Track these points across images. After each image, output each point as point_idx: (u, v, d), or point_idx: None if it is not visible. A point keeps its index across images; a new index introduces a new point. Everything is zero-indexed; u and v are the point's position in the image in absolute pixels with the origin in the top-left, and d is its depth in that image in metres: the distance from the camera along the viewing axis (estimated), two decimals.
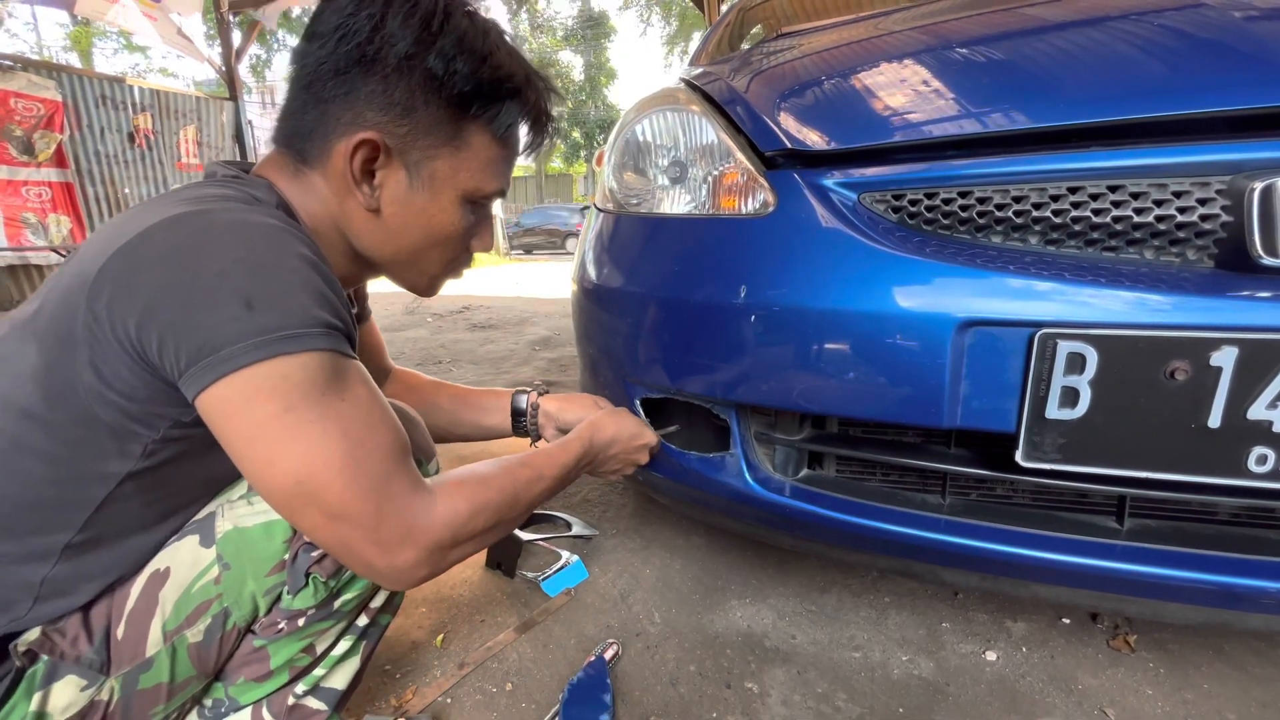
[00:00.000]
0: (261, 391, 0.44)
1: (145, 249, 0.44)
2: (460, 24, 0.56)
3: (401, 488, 0.50)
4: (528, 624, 1.03)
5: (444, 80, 0.55)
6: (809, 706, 0.86)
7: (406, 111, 0.55)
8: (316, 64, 0.54)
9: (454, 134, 0.58)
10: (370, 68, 0.54)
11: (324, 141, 0.56)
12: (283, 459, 0.46)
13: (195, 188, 0.53)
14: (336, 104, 0.55)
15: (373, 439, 0.49)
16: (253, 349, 0.43)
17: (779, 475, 0.87)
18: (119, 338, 0.44)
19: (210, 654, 0.58)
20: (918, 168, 0.73)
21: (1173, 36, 0.71)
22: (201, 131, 6.34)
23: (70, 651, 0.52)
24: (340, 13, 0.53)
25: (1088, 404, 0.62)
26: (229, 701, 0.61)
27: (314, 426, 0.46)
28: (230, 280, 0.44)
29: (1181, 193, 0.63)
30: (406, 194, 0.59)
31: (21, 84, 4.67)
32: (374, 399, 0.51)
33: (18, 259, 4.90)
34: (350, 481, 0.47)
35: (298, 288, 0.46)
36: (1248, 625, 0.73)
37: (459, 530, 0.53)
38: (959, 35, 0.89)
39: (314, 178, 0.58)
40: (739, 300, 0.77)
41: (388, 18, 0.53)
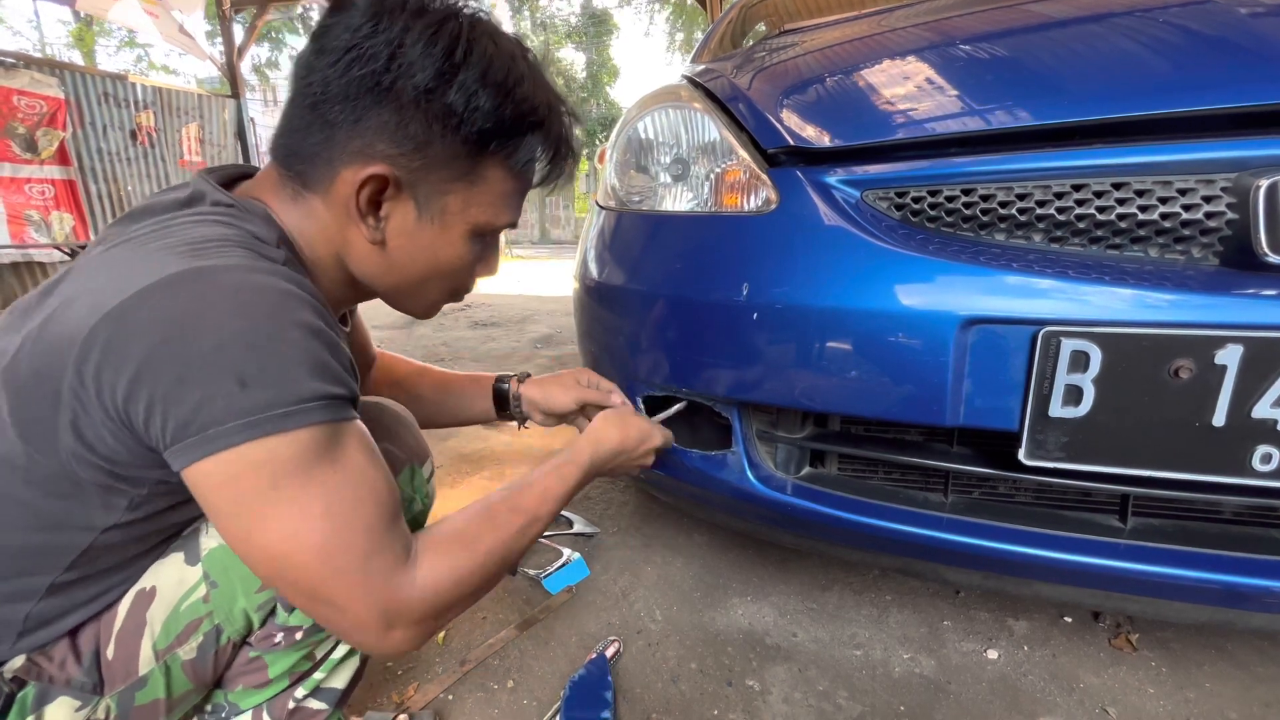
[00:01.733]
0: (248, 469, 0.43)
1: (140, 314, 0.41)
2: (485, 52, 0.52)
3: (382, 566, 0.47)
4: (529, 621, 1.03)
5: (464, 117, 0.52)
6: (810, 704, 0.86)
7: (421, 146, 0.52)
8: (324, 83, 0.50)
9: (469, 169, 0.55)
10: (384, 97, 0.50)
11: (328, 167, 0.52)
12: (260, 537, 0.44)
13: (191, 223, 0.48)
14: (344, 130, 0.51)
15: (357, 515, 0.47)
16: (243, 429, 0.41)
17: (781, 473, 0.87)
18: (105, 403, 0.42)
19: (206, 669, 0.57)
20: (921, 165, 0.73)
21: (1177, 33, 0.71)
22: (204, 129, 6.34)
23: (59, 675, 0.51)
24: (353, 32, 0.49)
25: (1091, 402, 0.61)
26: (229, 706, 0.61)
27: (295, 506, 0.44)
28: (225, 355, 0.41)
29: (1186, 190, 0.62)
30: (414, 227, 0.55)
31: (24, 81, 4.67)
32: (366, 466, 0.48)
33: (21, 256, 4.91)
34: (326, 564, 0.45)
35: (296, 362, 0.43)
36: (1250, 624, 0.73)
37: (442, 601, 0.51)
38: (962, 32, 0.88)
39: (314, 202, 0.54)
40: (741, 298, 0.77)
41: (406, 44, 0.49)
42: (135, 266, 0.43)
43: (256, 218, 0.51)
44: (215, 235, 0.46)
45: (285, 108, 0.53)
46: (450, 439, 1.90)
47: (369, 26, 0.49)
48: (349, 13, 0.50)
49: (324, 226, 0.55)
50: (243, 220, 0.50)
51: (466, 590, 0.53)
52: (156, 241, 0.45)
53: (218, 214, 0.49)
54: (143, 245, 0.45)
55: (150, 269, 0.42)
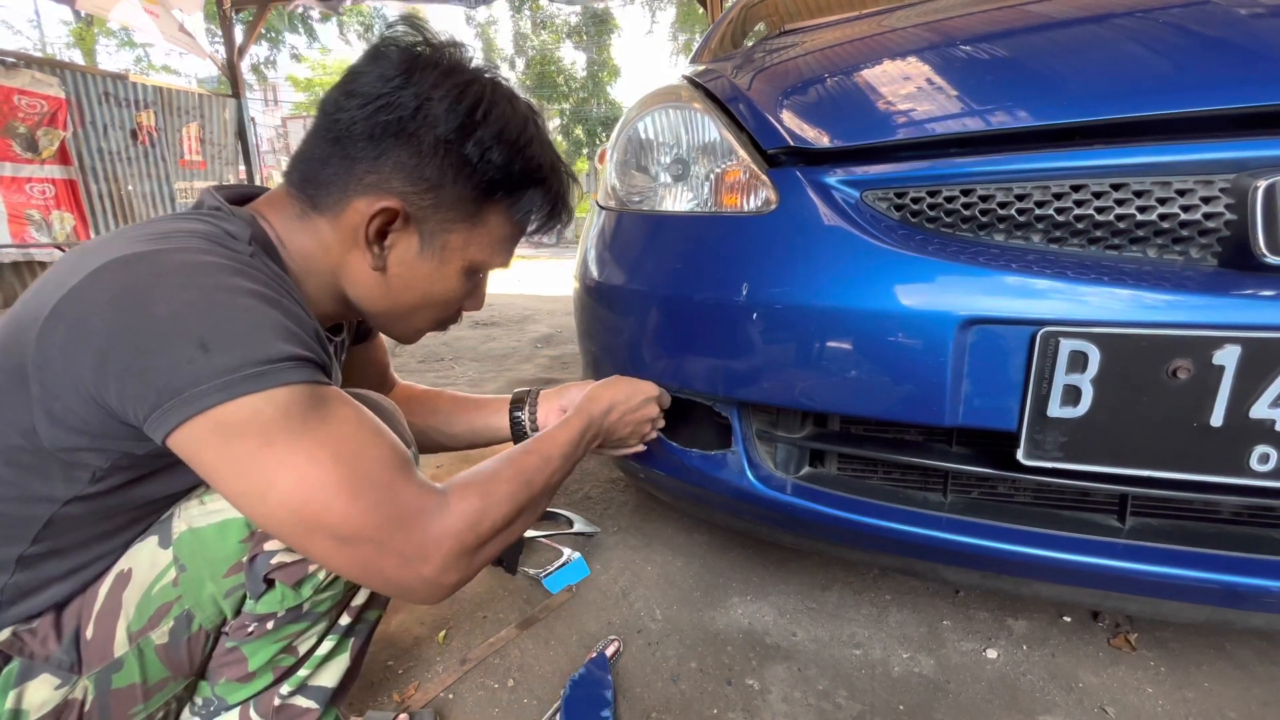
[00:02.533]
0: (233, 430, 0.43)
1: (94, 291, 0.43)
2: (503, 113, 0.57)
3: (410, 495, 0.49)
4: (530, 620, 1.03)
5: (476, 166, 0.57)
6: (809, 704, 0.86)
7: (434, 187, 0.56)
8: (350, 122, 0.54)
9: (474, 212, 0.60)
10: (407, 141, 0.54)
11: (342, 195, 0.56)
12: (273, 491, 0.44)
13: (169, 220, 0.52)
14: (363, 164, 0.55)
15: (367, 453, 0.48)
16: (215, 390, 0.42)
17: (780, 473, 0.87)
18: (73, 380, 0.43)
19: (180, 655, 0.57)
20: (920, 165, 0.73)
21: (1176, 34, 0.71)
22: (204, 129, 6.34)
23: (40, 651, 0.52)
24: (385, 82, 0.54)
25: (1090, 402, 0.61)
26: (217, 701, 0.61)
27: (299, 455, 0.44)
28: (182, 322, 0.42)
29: (1185, 191, 0.62)
30: (414, 259, 0.59)
31: (25, 81, 4.68)
32: (361, 416, 0.50)
33: (22, 256, 4.92)
34: (352, 499, 0.45)
35: (255, 324, 0.45)
36: (1249, 624, 0.73)
37: (480, 526, 0.52)
38: (962, 33, 0.89)
39: (320, 223, 0.57)
40: (741, 298, 0.77)
41: (434, 99, 0.54)
42: (99, 251, 0.46)
43: (237, 220, 0.54)
44: (184, 229, 0.50)
45: (306, 137, 0.58)
46: None
47: (400, 79, 0.54)
48: (382, 63, 0.55)
49: (326, 247, 0.58)
50: (220, 220, 0.53)
51: (499, 516, 0.54)
52: (131, 233, 0.48)
53: (199, 214, 0.53)
54: (118, 236, 0.49)
55: (110, 252, 0.45)
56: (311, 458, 0.45)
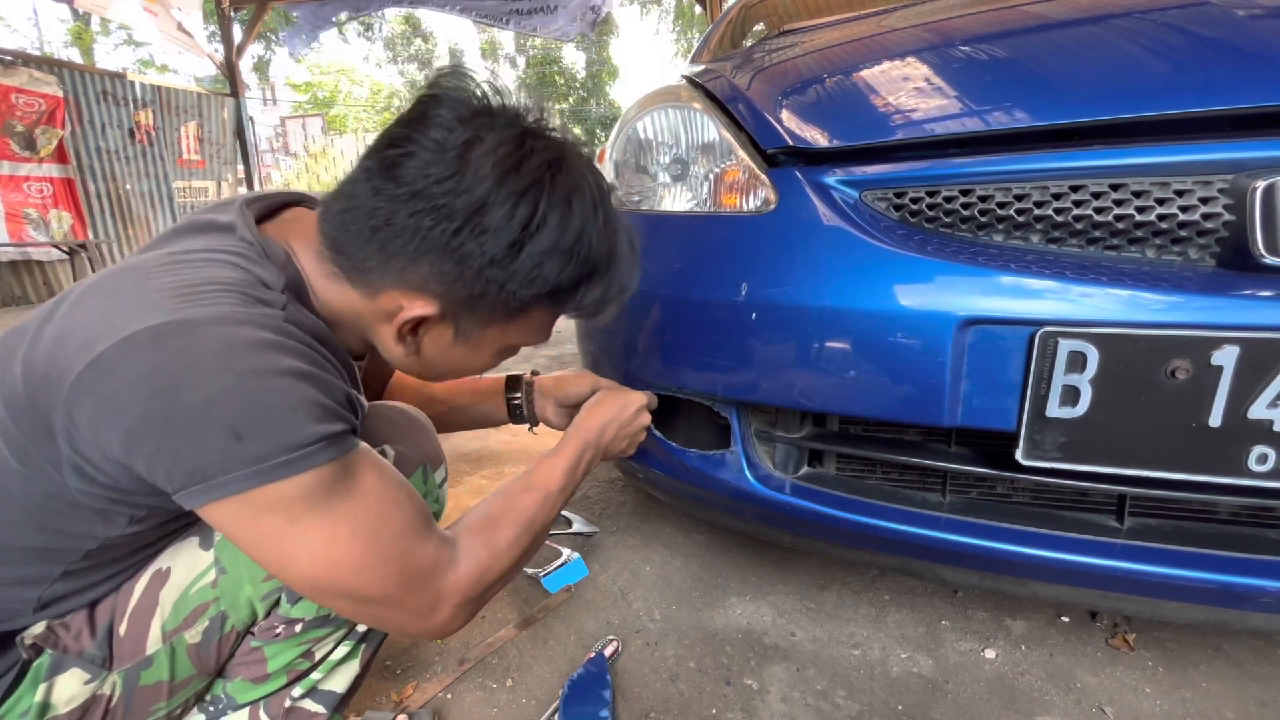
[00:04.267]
0: (261, 511, 0.44)
1: (124, 367, 0.41)
2: (561, 217, 0.51)
3: (424, 557, 0.51)
4: (528, 620, 1.03)
5: (524, 282, 0.52)
6: (808, 703, 0.86)
7: (475, 296, 0.52)
8: (390, 214, 0.49)
9: (516, 313, 0.56)
10: (450, 253, 0.50)
11: (376, 279, 0.52)
12: (294, 563, 0.47)
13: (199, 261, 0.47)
14: (400, 261, 0.50)
15: (386, 525, 0.49)
16: (246, 478, 0.42)
17: (779, 473, 0.87)
18: (102, 449, 0.43)
19: (209, 655, 0.58)
20: (919, 166, 0.73)
21: (1175, 35, 0.71)
22: (203, 127, 6.34)
23: (74, 646, 0.53)
24: (434, 183, 0.48)
25: (1088, 403, 0.62)
26: (227, 699, 0.62)
27: (321, 533, 0.46)
28: (216, 411, 0.41)
29: (1183, 191, 0.62)
30: (448, 346, 0.57)
31: (23, 79, 4.67)
32: (383, 484, 0.50)
33: (20, 255, 4.91)
34: (369, 571, 0.48)
35: (290, 409, 0.43)
36: (1247, 624, 0.73)
37: (487, 577, 0.55)
38: (961, 33, 0.89)
39: (350, 292, 0.54)
40: (740, 298, 0.77)
41: (486, 210, 0.48)
42: (128, 307, 0.43)
43: (271, 261, 0.51)
44: (216, 279, 0.46)
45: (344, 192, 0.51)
46: (449, 439, 1.89)
47: (451, 182, 0.48)
48: (428, 148, 0.48)
49: (355, 313, 0.55)
50: (254, 263, 0.49)
51: (504, 565, 0.57)
52: (160, 278, 0.45)
53: (232, 253, 0.49)
54: (146, 279, 0.45)
55: (139, 314, 0.42)
56: (332, 536, 0.46)
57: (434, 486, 0.70)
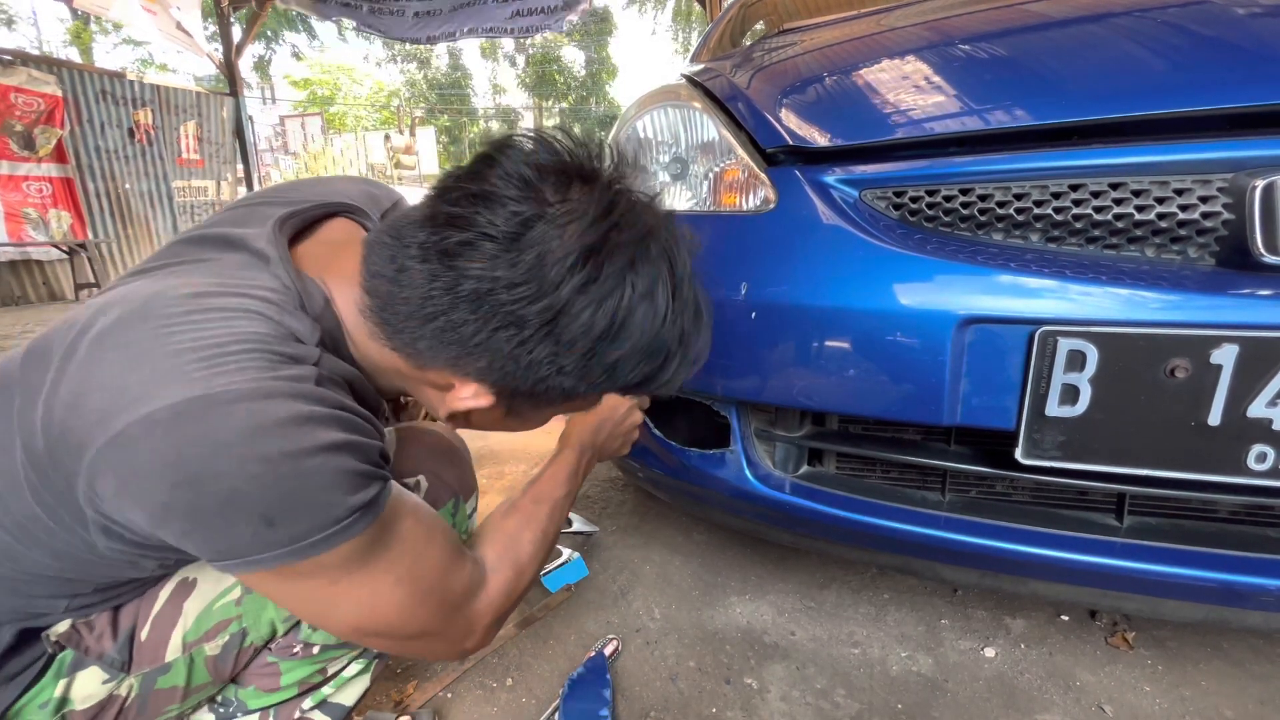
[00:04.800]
0: (299, 578, 0.43)
1: (147, 451, 0.38)
2: (640, 320, 0.45)
3: (459, 587, 0.53)
4: (528, 620, 1.03)
5: (594, 385, 0.48)
6: (808, 702, 0.86)
7: (536, 395, 0.48)
8: (450, 307, 0.43)
9: (576, 400, 0.51)
10: (517, 350, 0.44)
11: (430, 360, 0.47)
12: (337, 620, 0.48)
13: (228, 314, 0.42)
14: (456, 349, 0.45)
15: (425, 567, 0.49)
16: (280, 557, 0.41)
17: (779, 472, 0.87)
18: (128, 524, 0.42)
19: (226, 666, 0.58)
20: (919, 165, 0.73)
21: (1175, 33, 0.71)
22: (202, 127, 6.33)
23: (95, 647, 0.53)
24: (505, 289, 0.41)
25: (1088, 402, 0.62)
26: (238, 703, 0.62)
27: (364, 588, 0.46)
28: (244, 500, 0.39)
29: (1183, 190, 0.62)
30: (499, 419, 0.54)
31: (22, 79, 4.66)
32: (417, 526, 0.49)
33: (19, 254, 4.90)
34: (409, 615, 0.49)
35: (324, 488, 0.40)
36: (1246, 623, 0.73)
37: (514, 593, 0.58)
38: (960, 32, 0.89)
39: (394, 357, 0.48)
40: (740, 297, 0.77)
41: (561, 321, 0.42)
42: (147, 372, 0.39)
43: (305, 313, 0.46)
44: (244, 334, 0.41)
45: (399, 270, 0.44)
46: None
47: (523, 289, 0.41)
48: (494, 236, 0.41)
49: (399, 374, 0.50)
50: (286, 314, 0.44)
51: (526, 579, 0.60)
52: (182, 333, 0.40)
53: (263, 302, 0.44)
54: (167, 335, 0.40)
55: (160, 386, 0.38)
56: (374, 590, 0.46)
57: (464, 518, 0.70)
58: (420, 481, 0.65)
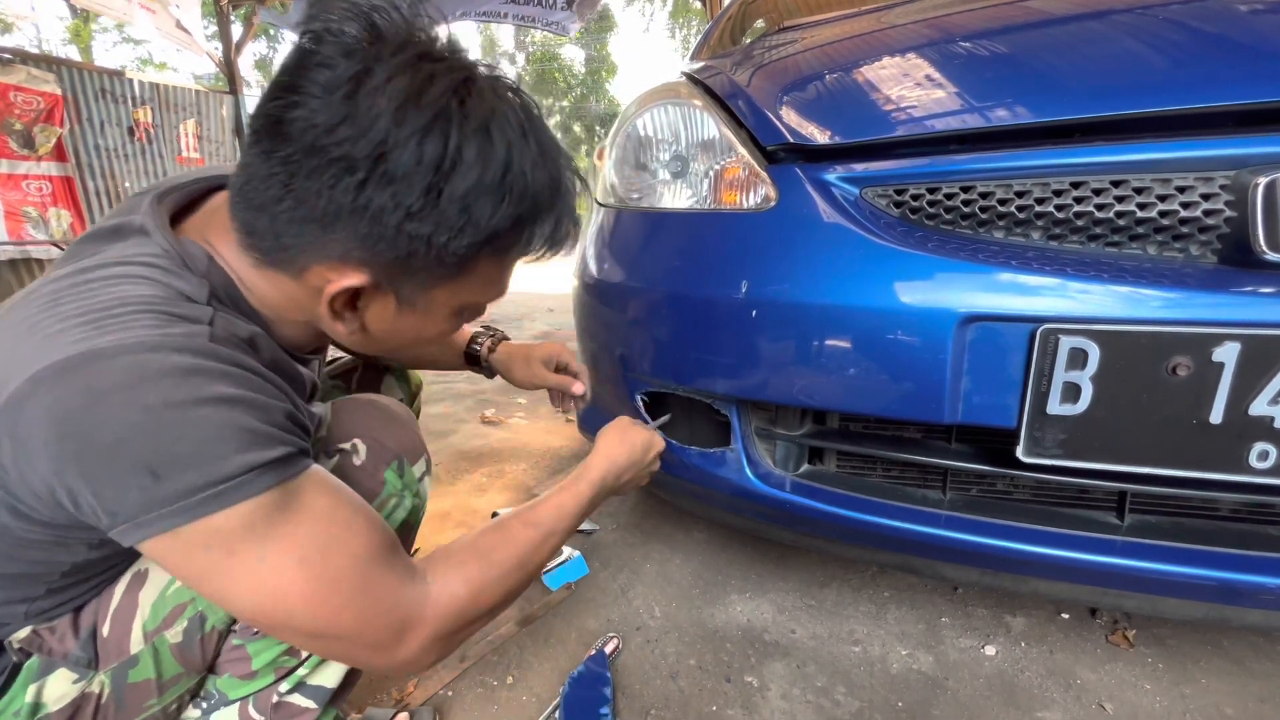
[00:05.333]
0: (195, 547, 0.41)
1: (34, 408, 0.38)
2: (480, 149, 0.44)
3: (386, 588, 0.47)
4: (528, 618, 1.03)
5: (454, 233, 0.46)
6: (808, 700, 0.86)
7: (404, 258, 0.46)
8: (287, 179, 0.43)
9: (458, 267, 0.49)
10: (360, 213, 0.43)
11: (296, 258, 0.46)
12: (235, 597, 0.44)
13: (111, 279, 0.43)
14: (313, 231, 0.44)
15: (339, 552, 0.46)
16: (170, 515, 0.40)
17: (779, 470, 0.87)
18: (31, 489, 0.41)
19: (194, 653, 0.58)
20: (920, 162, 0.73)
21: (1176, 30, 0.71)
22: (202, 125, 6.32)
23: (59, 648, 0.53)
24: (324, 133, 0.41)
25: (1089, 399, 0.61)
26: (218, 695, 0.62)
27: (262, 564, 0.43)
28: (128, 449, 0.38)
29: (1185, 188, 0.62)
30: (395, 315, 0.52)
31: (21, 78, 4.65)
32: (334, 508, 0.47)
33: (19, 253, 4.90)
34: (319, 602, 0.44)
35: (210, 441, 0.40)
36: (1247, 621, 0.73)
37: (462, 614, 0.51)
38: (961, 29, 0.88)
39: (280, 278, 0.49)
40: (740, 295, 0.77)
41: (389, 154, 0.42)
42: (36, 339, 0.40)
43: (190, 272, 0.46)
44: (130, 298, 0.42)
45: (242, 181, 0.45)
46: (450, 436, 1.90)
47: (344, 129, 0.41)
48: (310, 101, 0.41)
49: (291, 299, 0.50)
50: (172, 275, 0.45)
51: (484, 602, 0.53)
52: (69, 303, 0.41)
53: (146, 266, 0.45)
54: (55, 306, 0.41)
55: (46, 348, 0.39)
56: (278, 564, 0.43)
57: (412, 481, 0.67)
58: (356, 444, 0.62)
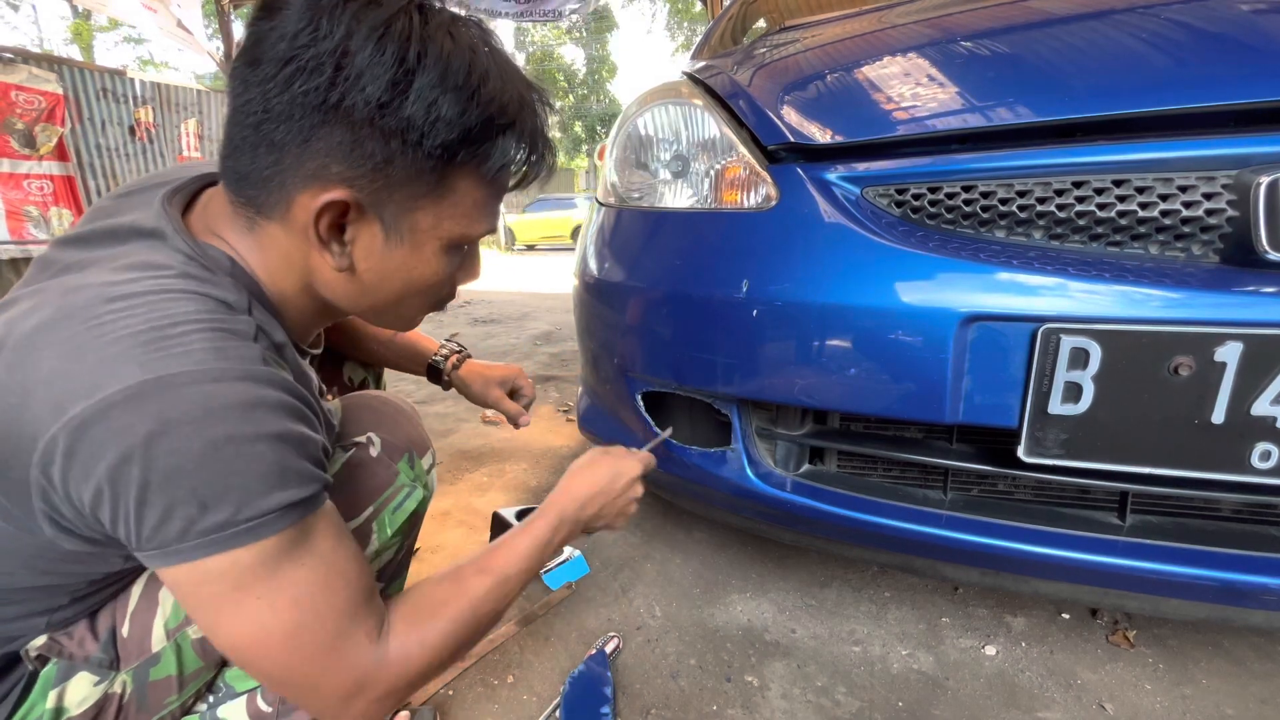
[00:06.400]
0: (211, 578, 0.43)
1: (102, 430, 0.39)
2: (442, 50, 0.45)
3: (352, 646, 0.48)
4: (529, 617, 1.03)
5: (425, 129, 0.46)
6: (808, 700, 0.86)
7: (380, 165, 0.46)
8: (264, 100, 0.44)
9: (437, 182, 0.50)
10: (333, 115, 0.44)
11: (281, 191, 0.47)
12: (225, 631, 0.45)
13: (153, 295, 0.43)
14: (292, 151, 0.45)
15: (326, 601, 0.47)
16: (204, 546, 0.42)
17: (780, 470, 0.87)
18: (74, 505, 0.42)
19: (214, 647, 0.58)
20: (921, 162, 0.73)
21: (1178, 30, 0.70)
22: (203, 124, 6.33)
23: (79, 652, 0.53)
24: (290, 40, 0.43)
25: (1091, 399, 0.61)
26: (226, 688, 0.63)
27: (261, 602, 0.44)
28: (184, 478, 0.40)
29: (1187, 187, 0.62)
30: (383, 249, 0.51)
31: (23, 77, 4.66)
32: (334, 551, 0.48)
33: (20, 252, 4.91)
34: (291, 653, 0.46)
35: (258, 477, 0.42)
36: (1248, 621, 0.73)
37: (413, 673, 0.52)
38: (963, 29, 0.88)
39: (272, 230, 0.49)
40: (741, 295, 0.77)
41: (352, 51, 0.43)
42: (94, 361, 0.40)
43: (223, 275, 0.48)
44: (180, 316, 0.42)
45: (226, 126, 0.48)
46: (451, 435, 1.90)
47: (307, 34, 0.43)
48: (282, 17, 0.44)
49: (286, 256, 0.51)
50: (209, 285, 0.46)
51: (436, 658, 0.53)
52: (116, 321, 0.41)
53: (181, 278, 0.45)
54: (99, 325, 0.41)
55: (110, 372, 0.39)
56: (272, 605, 0.45)
57: (421, 473, 0.70)
58: (371, 438, 0.65)
